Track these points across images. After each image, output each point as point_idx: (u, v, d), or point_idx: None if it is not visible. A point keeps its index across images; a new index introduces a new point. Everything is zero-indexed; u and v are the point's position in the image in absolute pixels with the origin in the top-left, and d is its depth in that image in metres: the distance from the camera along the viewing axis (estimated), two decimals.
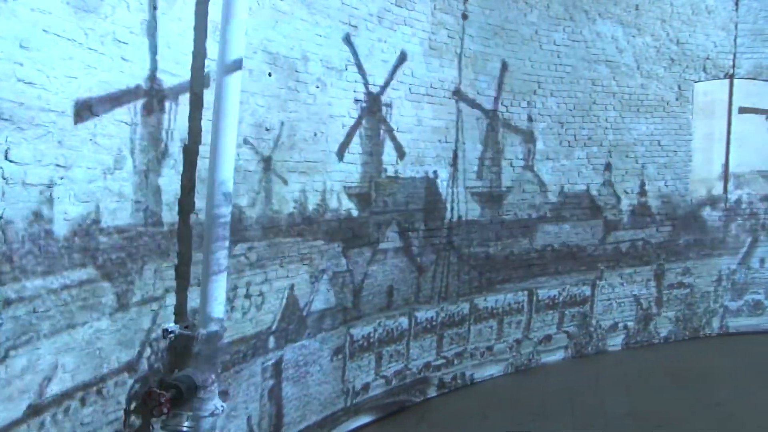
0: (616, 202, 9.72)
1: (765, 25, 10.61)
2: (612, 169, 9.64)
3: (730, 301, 10.65)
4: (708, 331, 10.49)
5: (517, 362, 9.02)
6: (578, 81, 9.30)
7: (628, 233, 9.89)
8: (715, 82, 10.48)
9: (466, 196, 8.25)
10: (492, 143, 8.52)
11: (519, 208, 8.84)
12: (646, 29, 9.91)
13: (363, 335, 7.23)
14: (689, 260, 10.32)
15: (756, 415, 7.41)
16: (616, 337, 9.89)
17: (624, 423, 7.31)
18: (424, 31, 7.64)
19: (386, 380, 7.57)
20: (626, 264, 9.88)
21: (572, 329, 9.54)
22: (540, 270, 9.15)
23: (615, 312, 9.87)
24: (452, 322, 8.31)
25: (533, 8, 8.85)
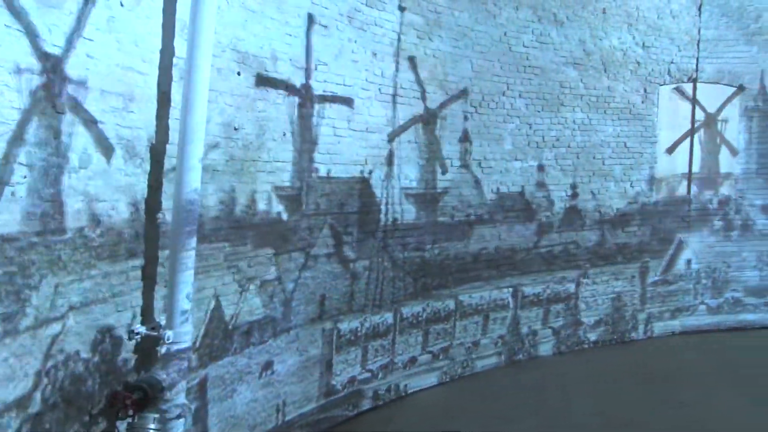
0: (549, 205, 9.53)
1: (726, 32, 10.86)
2: (546, 170, 9.47)
3: (658, 305, 10.63)
4: (634, 335, 10.43)
5: (452, 371, 8.66)
6: (547, 83, 9.40)
7: (591, 235, 9.95)
8: (680, 85, 10.68)
9: (402, 198, 7.87)
10: (428, 142, 8.19)
11: (456, 210, 8.55)
12: (612, 33, 10.05)
13: None
14: (617, 264, 10.25)
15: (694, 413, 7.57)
16: (547, 343, 9.67)
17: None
18: (394, 31, 7.65)
19: (318, 395, 7.08)
20: (558, 267, 9.72)
21: (505, 335, 9.28)
22: (474, 275, 8.84)
23: (544, 316, 9.65)
24: (386, 331, 7.85)
25: (502, 10, 8.92)
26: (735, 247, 11.13)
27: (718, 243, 11.05)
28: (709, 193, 10.99)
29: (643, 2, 10.30)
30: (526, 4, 9.15)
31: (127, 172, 4.35)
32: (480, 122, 8.69)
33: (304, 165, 6.53)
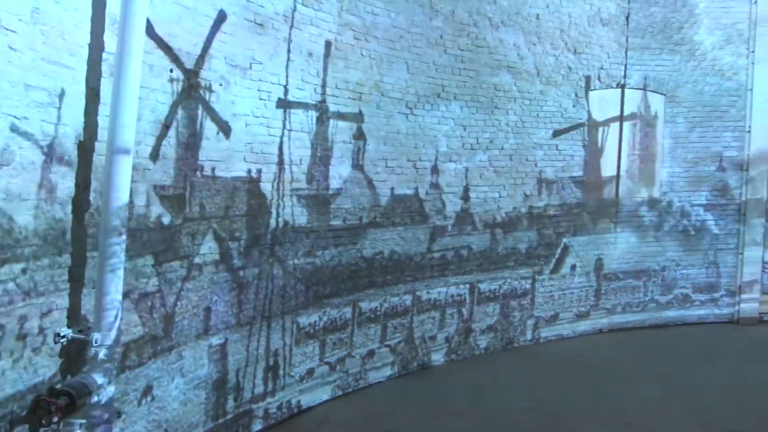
0: (442, 207, 9.24)
1: (651, 40, 11.28)
2: (439, 171, 9.17)
3: (545, 310, 10.64)
4: (522, 340, 10.36)
5: (344, 384, 8.21)
6: (481, 85, 9.53)
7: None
8: (609, 90, 11.01)
9: (293, 200, 7.31)
10: (320, 140, 7.63)
11: (349, 213, 8.07)
12: (545, 38, 10.28)
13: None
14: (507, 269, 10.13)
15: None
16: (439, 351, 9.43)
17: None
18: (330, 32, 7.62)
19: (205, 419, 6.36)
20: (451, 273, 9.48)
21: (398, 343, 8.92)
22: (368, 281, 8.43)
23: (437, 324, 9.39)
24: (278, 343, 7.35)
25: (438, 13, 9.00)
26: (658, 246, 11.57)
27: (643, 243, 11.46)
28: (640, 196, 11.39)
29: (575, 10, 10.57)
30: (462, 8, 9.26)
31: (53, 170, 4.20)
32: (415, 124, 8.75)
33: (188, 162, 5.85)
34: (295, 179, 7.28)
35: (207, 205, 6.12)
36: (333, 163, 7.79)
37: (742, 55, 11.64)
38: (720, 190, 11.72)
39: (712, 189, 11.73)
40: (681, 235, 11.66)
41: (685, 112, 11.56)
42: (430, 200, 9.09)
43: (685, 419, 7.47)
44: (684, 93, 11.53)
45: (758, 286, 11.86)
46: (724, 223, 11.82)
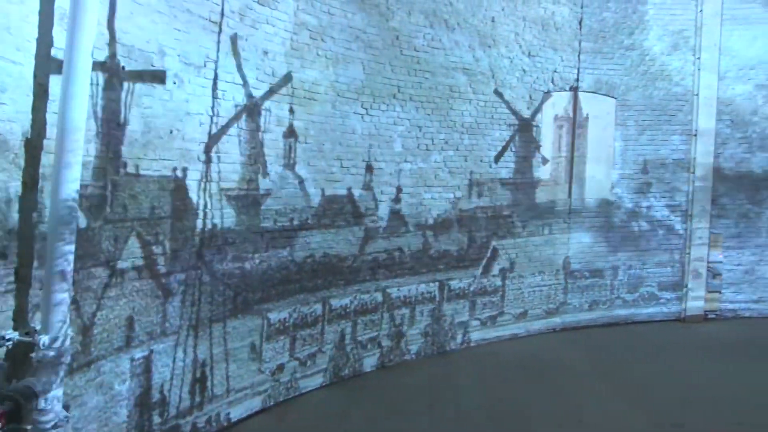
0: (375, 207, 8.96)
1: (603, 45, 11.52)
2: (373, 171, 8.87)
3: (477, 314, 10.46)
4: (453, 345, 10.15)
5: (276, 393, 7.82)
6: (437, 87, 9.59)
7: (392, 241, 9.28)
8: (562, 93, 11.20)
9: (222, 201, 6.88)
10: (252, 137, 7.24)
11: (279, 215, 7.68)
12: (500, 41, 10.40)
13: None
14: (439, 272, 9.90)
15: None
16: (372, 357, 9.15)
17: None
18: (286, 30, 7.59)
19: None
20: (383, 276, 9.19)
21: (330, 350, 8.60)
22: (299, 286, 8.06)
23: (371, 329, 9.12)
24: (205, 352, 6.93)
25: (395, 14, 9.03)
26: (609, 247, 11.81)
27: (596, 243, 11.69)
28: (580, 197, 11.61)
29: (530, 13, 10.72)
30: (418, 9, 9.30)
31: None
32: (371, 124, 8.76)
33: (108, 159, 5.42)
34: (223, 179, 6.86)
35: (130, 206, 5.67)
36: (264, 161, 7.42)
37: (688, 61, 11.98)
38: (668, 192, 12.03)
39: (661, 190, 12.03)
40: (630, 236, 11.92)
41: (636, 115, 11.84)
42: (363, 201, 8.80)
43: (634, 415, 7.66)
44: (634, 97, 11.80)
45: (703, 285, 12.20)
46: (672, 224, 12.13)
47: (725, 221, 12.28)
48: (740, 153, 12.26)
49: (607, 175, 11.73)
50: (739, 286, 12.39)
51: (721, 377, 9.01)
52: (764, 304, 12.43)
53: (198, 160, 6.52)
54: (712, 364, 9.60)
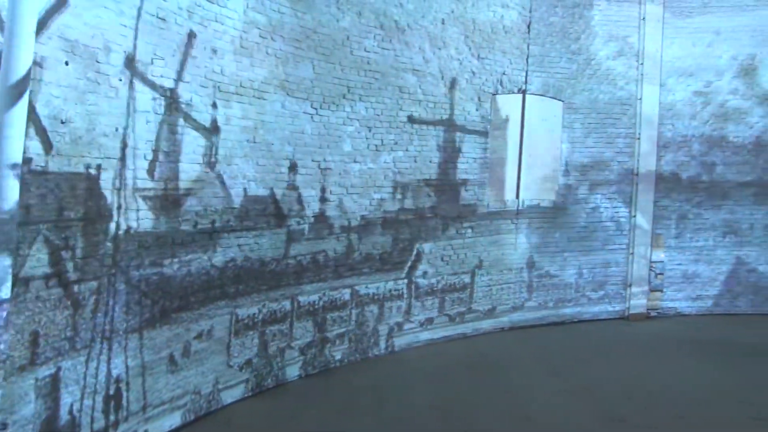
0: (300, 209, 8.66)
1: (551, 49, 11.77)
2: (297, 170, 8.56)
3: (400, 318, 10.27)
4: (376, 351, 9.92)
5: (197, 407, 7.32)
6: (386, 87, 9.68)
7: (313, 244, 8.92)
8: (510, 95, 11.41)
9: (137, 201, 6.36)
10: (169, 133, 6.74)
11: (199, 216, 7.20)
12: (450, 43, 10.54)
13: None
14: (362, 276, 9.65)
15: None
16: (294, 365, 8.78)
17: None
18: (235, 29, 7.58)
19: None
20: (307, 280, 8.89)
21: (253, 359, 8.17)
22: (220, 292, 7.58)
23: (292, 336, 8.74)
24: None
25: (345, 14, 9.08)
26: (555, 247, 12.07)
27: (543, 244, 11.95)
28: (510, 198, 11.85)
29: (479, 16, 10.89)
30: (369, 10, 9.37)
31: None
32: (321, 124, 8.80)
33: None
34: (139, 177, 6.37)
35: (35, 207, 5.14)
36: (182, 159, 6.94)
37: (632, 67, 12.33)
38: (613, 193, 12.36)
39: (606, 192, 12.35)
40: (576, 236, 12.21)
41: (582, 118, 12.12)
42: (287, 201, 8.47)
43: (580, 410, 7.87)
44: (580, 100, 12.09)
45: (646, 284, 12.58)
46: (616, 225, 12.47)
47: (666, 222, 12.69)
48: (680, 156, 12.69)
49: (554, 177, 11.99)
50: (679, 285, 12.81)
51: (663, 373, 9.31)
52: (703, 301, 12.89)
53: (113, 157, 5.97)
54: (655, 361, 9.92)
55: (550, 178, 11.97)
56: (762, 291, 12.97)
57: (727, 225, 12.89)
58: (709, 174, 12.79)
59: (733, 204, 12.86)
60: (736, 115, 12.76)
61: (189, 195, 7.07)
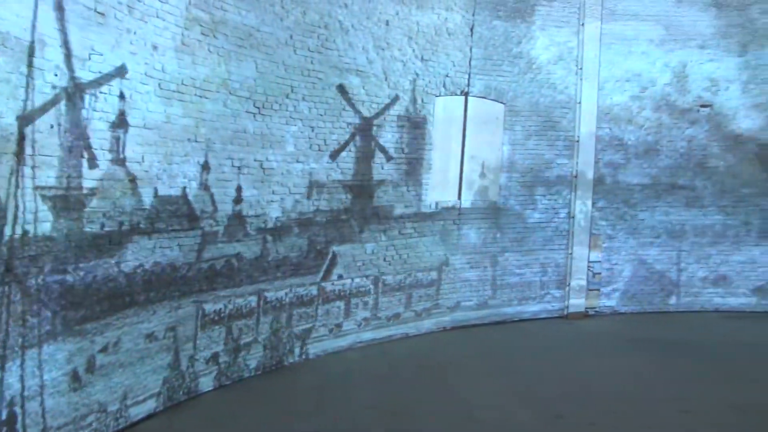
0: (213, 210, 8.13)
1: (493, 52, 11.95)
2: (210, 168, 8.02)
3: (313, 323, 9.85)
4: (291, 359, 9.51)
5: (103, 427, 6.70)
6: (330, 87, 9.67)
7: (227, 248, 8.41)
8: (453, 97, 11.54)
9: (36, 201, 5.75)
10: (75, 126, 6.18)
11: (107, 217, 6.59)
12: (394, 44, 10.60)
13: None
14: (277, 280, 9.15)
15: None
16: (208, 375, 8.30)
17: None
18: (177, 26, 7.47)
19: None
20: (221, 285, 8.36)
21: (165, 371, 7.61)
22: (128, 300, 6.96)
23: (208, 344, 8.26)
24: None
25: (289, 13, 9.04)
26: (497, 248, 12.26)
27: (484, 244, 12.12)
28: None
29: (423, 18, 10.98)
30: (313, 9, 9.35)
31: None
32: (263, 124, 8.75)
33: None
34: (38, 175, 5.77)
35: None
36: (86, 155, 6.35)
37: (572, 72, 12.64)
38: (552, 195, 12.63)
39: (546, 193, 12.61)
40: (516, 236, 12.43)
41: (523, 120, 12.34)
42: (199, 202, 7.93)
43: (521, 408, 8.03)
44: (521, 103, 12.31)
45: (584, 284, 12.89)
46: (556, 225, 12.75)
47: (603, 223, 13.04)
48: (618, 159, 13.05)
49: (495, 178, 12.17)
50: (615, 284, 13.18)
51: (600, 370, 9.60)
52: (637, 300, 13.30)
53: (7, 152, 5.41)
54: (592, 359, 10.20)
55: (492, 180, 12.15)
56: (692, 290, 13.45)
57: (661, 226, 13.33)
58: (645, 176, 13.20)
59: (667, 206, 13.30)
60: (670, 119, 13.21)
61: (94, 195, 6.45)
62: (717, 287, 13.46)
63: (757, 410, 7.98)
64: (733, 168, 13.37)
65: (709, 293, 13.46)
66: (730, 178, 13.37)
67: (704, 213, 13.39)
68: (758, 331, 12.05)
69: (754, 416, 7.80)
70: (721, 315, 13.15)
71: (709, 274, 13.45)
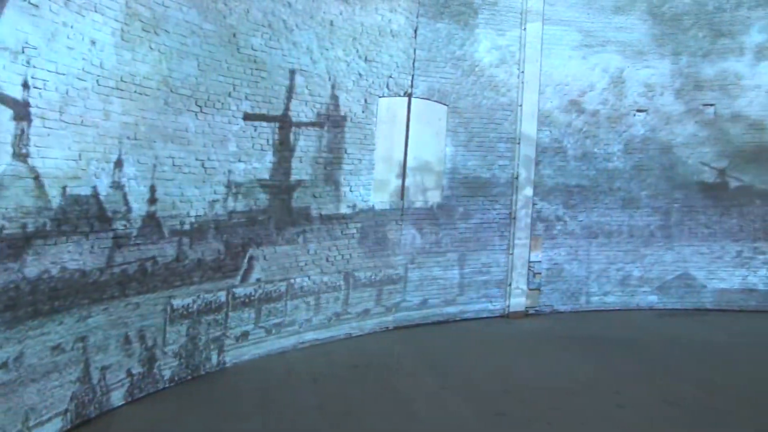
0: (127, 211, 7.60)
1: (437, 54, 12.06)
2: (123, 166, 7.51)
3: (236, 328, 9.46)
4: (209, 367, 9.01)
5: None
6: (273, 87, 9.61)
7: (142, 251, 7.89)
8: (396, 98, 11.60)
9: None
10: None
11: (7, 219, 6.07)
12: (338, 44, 10.59)
13: None
14: (194, 285, 8.68)
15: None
16: (120, 389, 7.67)
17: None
18: (116, 20, 7.31)
19: None
20: (134, 291, 7.79)
21: (73, 386, 7.02)
22: (32, 310, 6.40)
23: (120, 355, 7.66)
24: None
25: (233, 11, 8.95)
26: (440, 248, 12.38)
27: (426, 245, 12.22)
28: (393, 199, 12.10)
29: (367, 19, 11.01)
30: (256, 8, 9.28)
31: None
32: (205, 122, 8.63)
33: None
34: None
35: None
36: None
37: (513, 75, 12.86)
38: (494, 196, 12.82)
39: (488, 194, 12.79)
40: (459, 237, 12.57)
41: (465, 122, 12.50)
42: (111, 202, 7.39)
43: (463, 407, 8.13)
44: (464, 105, 12.46)
45: (525, 283, 13.12)
46: (497, 226, 12.94)
47: (543, 224, 13.31)
48: (557, 161, 13.35)
49: (438, 179, 12.28)
50: (555, 284, 13.47)
51: (539, 368, 9.80)
52: (577, 299, 13.62)
53: None
54: (532, 357, 10.39)
55: (435, 181, 12.26)
56: (628, 288, 13.86)
57: (598, 227, 13.68)
58: (583, 178, 13.53)
59: (604, 207, 13.67)
60: (607, 123, 13.58)
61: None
62: (651, 286, 13.90)
63: (688, 403, 8.29)
64: (667, 171, 13.84)
65: (644, 291, 13.89)
66: (664, 182, 13.82)
67: (639, 214, 13.81)
68: (689, 327, 12.48)
69: (685, 409, 8.10)
70: (655, 313, 13.58)
71: (644, 273, 13.87)
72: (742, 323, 12.87)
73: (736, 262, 13.94)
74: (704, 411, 8.11)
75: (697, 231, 13.95)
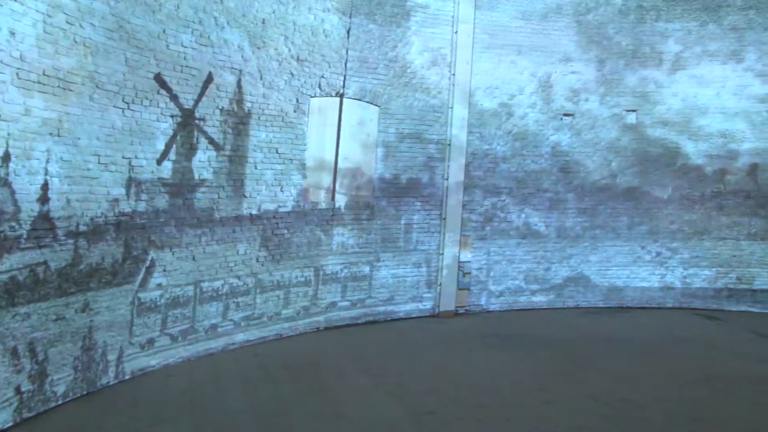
0: (16, 211, 6.78)
1: (369, 55, 12.12)
2: (10, 160, 6.71)
3: (137, 337, 8.83)
4: (106, 379, 8.29)
5: None
6: (199, 85, 9.41)
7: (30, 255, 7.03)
8: (328, 99, 11.58)
9: None
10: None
11: None
12: (270, 43, 10.50)
13: None
14: (90, 291, 7.89)
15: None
16: (6, 409, 6.80)
17: None
18: (38, 11, 7.04)
19: None
20: (24, 300, 6.95)
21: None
22: None
23: (6, 371, 6.80)
24: None
25: (162, 6, 8.75)
26: (370, 249, 12.42)
27: (355, 246, 12.25)
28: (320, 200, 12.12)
29: (300, 18, 10.95)
30: (187, 4, 9.09)
31: None
32: (132, 119, 8.41)
33: None
34: None
35: None
36: None
37: (445, 77, 13.04)
38: (424, 197, 12.96)
39: (417, 195, 12.92)
40: (389, 237, 12.64)
41: (397, 123, 12.59)
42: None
43: (392, 406, 8.18)
44: (396, 106, 12.55)
45: (454, 283, 13.31)
46: (427, 227, 13.09)
47: (473, 224, 13.53)
48: (487, 163, 13.60)
49: (369, 180, 12.32)
50: (484, 283, 13.72)
51: (468, 366, 9.95)
52: (505, 298, 13.91)
53: None
54: (461, 355, 10.55)
55: (366, 181, 12.30)
56: (555, 287, 14.24)
57: (527, 227, 14.01)
58: (512, 180, 13.82)
59: (531, 209, 14.00)
60: (535, 127, 13.93)
61: None
62: (577, 285, 14.32)
63: (612, 399, 8.56)
64: (592, 174, 14.28)
65: (570, 291, 14.30)
66: (589, 184, 14.27)
67: (566, 215, 14.21)
68: (611, 325, 12.92)
69: (609, 405, 8.36)
70: (580, 311, 14.00)
71: (570, 272, 14.28)
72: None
73: (656, 261, 14.54)
74: (624, 404, 8.40)
75: (620, 232, 14.46)
